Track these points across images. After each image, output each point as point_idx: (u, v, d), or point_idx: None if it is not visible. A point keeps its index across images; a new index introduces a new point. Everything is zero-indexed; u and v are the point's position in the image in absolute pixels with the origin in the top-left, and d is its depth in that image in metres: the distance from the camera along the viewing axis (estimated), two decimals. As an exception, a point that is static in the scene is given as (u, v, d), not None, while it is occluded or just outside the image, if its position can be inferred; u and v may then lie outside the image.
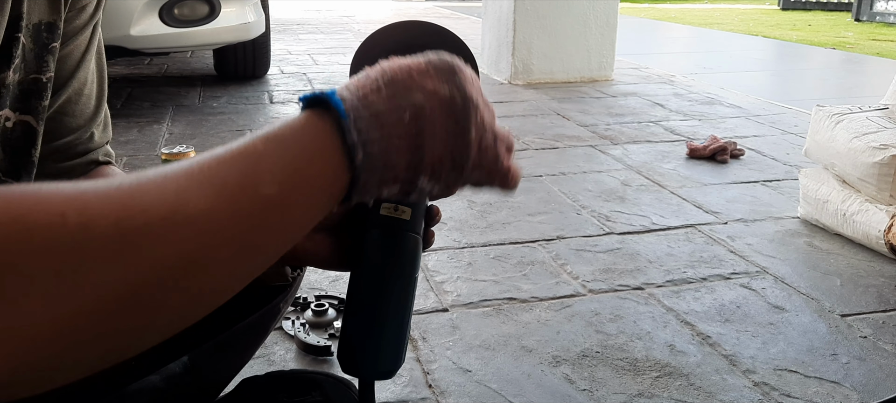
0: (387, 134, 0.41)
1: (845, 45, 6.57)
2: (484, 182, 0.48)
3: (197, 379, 0.67)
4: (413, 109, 0.42)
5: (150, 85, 3.87)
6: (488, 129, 0.46)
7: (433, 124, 0.43)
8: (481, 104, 0.46)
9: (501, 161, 0.48)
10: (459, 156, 0.44)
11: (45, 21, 0.58)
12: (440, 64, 0.45)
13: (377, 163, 0.41)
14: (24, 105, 0.58)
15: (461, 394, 1.17)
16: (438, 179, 0.45)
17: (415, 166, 0.43)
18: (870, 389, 1.20)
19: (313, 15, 8.19)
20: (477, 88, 0.46)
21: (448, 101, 0.43)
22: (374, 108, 0.41)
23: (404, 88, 0.43)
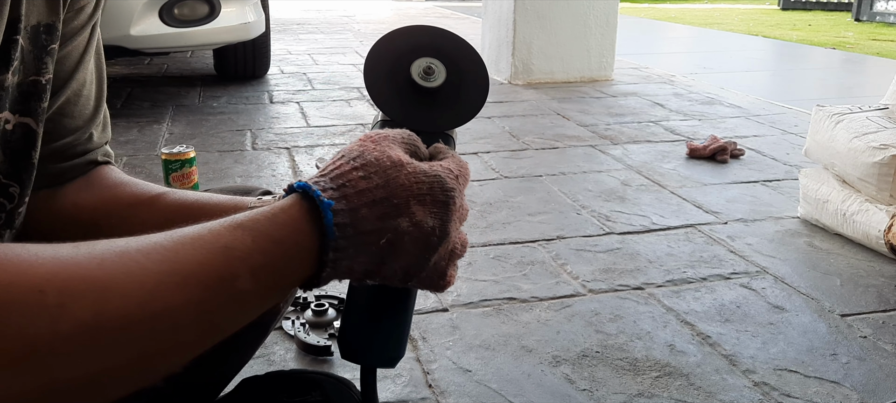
0: (358, 251, 0.43)
1: (845, 44, 6.57)
2: (422, 288, 0.51)
3: (197, 379, 0.67)
4: (393, 235, 0.44)
5: (150, 85, 3.87)
6: (445, 256, 0.49)
7: (403, 251, 0.45)
8: (454, 234, 0.49)
9: (444, 278, 0.50)
10: (412, 272, 0.47)
11: (43, 22, 0.58)
12: (442, 192, 0.46)
13: (340, 269, 0.43)
14: (24, 107, 0.58)
15: (461, 394, 1.17)
16: (386, 279, 0.47)
17: (369, 274, 0.46)
18: (870, 389, 1.20)
19: (313, 15, 8.19)
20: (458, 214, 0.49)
21: (427, 235, 0.46)
22: (361, 228, 0.43)
23: (395, 210, 0.44)
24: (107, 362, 0.33)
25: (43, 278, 0.31)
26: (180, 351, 0.38)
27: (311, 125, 3.02)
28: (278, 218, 0.41)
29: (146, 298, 0.34)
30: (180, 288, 0.36)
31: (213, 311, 0.38)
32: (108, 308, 0.33)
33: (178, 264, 0.36)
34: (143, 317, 0.34)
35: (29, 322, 0.30)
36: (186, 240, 0.37)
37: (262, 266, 0.39)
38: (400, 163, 0.45)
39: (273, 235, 0.40)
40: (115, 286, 0.33)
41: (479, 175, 2.34)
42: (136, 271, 0.35)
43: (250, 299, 0.40)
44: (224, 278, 0.38)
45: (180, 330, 0.36)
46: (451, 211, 0.47)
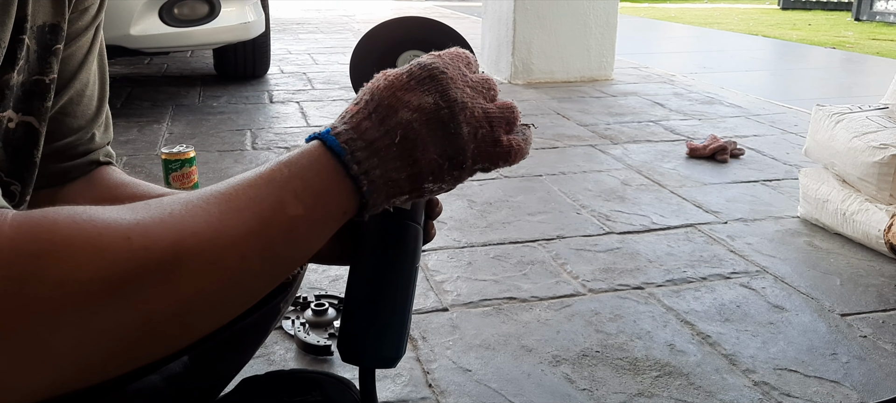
0: (383, 158, 0.46)
1: (845, 44, 6.57)
2: (489, 167, 0.50)
3: (197, 379, 0.67)
4: (402, 129, 0.46)
5: (150, 84, 3.87)
6: (481, 120, 0.49)
7: (423, 138, 0.47)
8: (469, 100, 0.48)
9: (500, 144, 0.50)
10: (456, 156, 0.48)
11: (48, 23, 0.58)
12: (420, 74, 0.48)
13: (381, 184, 0.46)
14: (27, 106, 0.59)
15: (461, 394, 1.18)
16: (442, 179, 0.48)
17: (415, 177, 0.47)
18: (870, 388, 1.20)
19: (313, 14, 8.19)
20: (462, 83, 0.49)
21: (433, 112, 0.47)
22: (367, 137, 0.46)
23: (391, 109, 0.47)
24: (189, 292, 0.38)
25: (128, 227, 0.36)
26: (251, 283, 0.42)
27: (311, 125, 3.02)
28: (303, 155, 0.45)
29: (213, 234, 0.39)
30: (240, 221, 0.40)
31: (273, 239, 0.42)
32: (184, 246, 0.38)
33: (234, 202, 0.41)
34: (214, 249, 0.39)
35: (119, 260, 0.35)
36: (237, 184, 0.42)
37: (303, 189, 0.43)
38: (382, 76, 0.49)
39: (303, 163, 0.45)
40: (186, 227, 0.38)
41: (478, 175, 2.34)
42: (201, 213, 0.40)
43: (302, 225, 0.43)
44: (274, 206, 0.42)
45: (247, 260, 0.41)
46: (444, 81, 0.48)
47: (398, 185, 0.47)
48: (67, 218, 0.35)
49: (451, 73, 0.48)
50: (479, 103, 0.49)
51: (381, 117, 0.46)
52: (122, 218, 0.37)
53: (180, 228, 0.38)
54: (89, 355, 0.35)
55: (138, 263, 0.36)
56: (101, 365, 0.36)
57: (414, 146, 0.46)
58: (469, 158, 0.48)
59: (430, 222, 0.60)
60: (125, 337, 0.36)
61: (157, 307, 0.36)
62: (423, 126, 0.47)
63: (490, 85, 0.51)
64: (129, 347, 0.37)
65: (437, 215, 0.60)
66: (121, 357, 0.37)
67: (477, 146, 0.48)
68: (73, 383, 0.35)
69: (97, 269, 0.34)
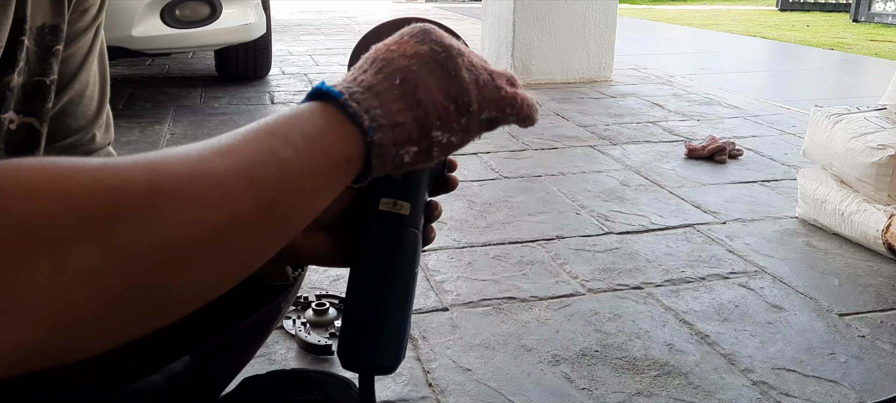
0: (384, 100, 0.44)
1: (843, 45, 6.58)
2: (498, 117, 0.49)
3: (198, 379, 0.67)
4: (401, 73, 0.46)
5: (151, 85, 3.87)
6: (480, 69, 0.49)
7: (423, 79, 0.46)
8: (465, 51, 0.49)
9: (505, 91, 0.49)
10: (459, 97, 0.47)
11: (48, 24, 0.59)
12: (412, 31, 0.49)
13: (385, 124, 0.44)
14: (28, 107, 0.59)
15: (461, 393, 1.18)
16: (450, 127, 0.47)
17: (421, 120, 0.45)
18: (868, 388, 1.21)
19: (314, 16, 8.19)
20: (457, 42, 0.49)
21: (429, 56, 0.47)
22: (364, 84, 0.45)
23: (386, 61, 0.46)
24: (171, 237, 0.34)
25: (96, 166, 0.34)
26: (245, 232, 0.38)
27: (311, 126, 3.03)
28: (293, 108, 0.43)
29: (192, 173, 0.36)
30: (222, 163, 0.37)
31: (263, 182, 0.38)
32: (160, 182, 0.34)
33: (215, 146, 0.38)
34: (195, 189, 0.36)
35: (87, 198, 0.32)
36: (219, 137, 0.39)
37: (291, 133, 0.41)
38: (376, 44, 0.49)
39: (293, 111, 0.42)
40: (162, 166, 0.35)
41: (478, 175, 2.34)
42: (180, 156, 0.36)
43: (297, 168, 0.40)
44: (261, 149, 0.39)
45: (236, 202, 0.37)
46: (437, 33, 0.48)
47: (405, 129, 0.45)
48: (30, 162, 0.32)
49: (444, 33, 0.49)
50: (475, 57, 0.50)
51: (377, 68, 0.46)
52: (92, 160, 0.34)
53: (154, 166, 0.35)
54: (66, 309, 0.31)
55: (108, 200, 0.32)
56: (81, 327, 0.32)
57: (415, 86, 0.45)
58: (474, 101, 0.47)
59: (430, 225, 0.60)
60: (101, 288, 0.32)
61: (135, 250, 0.33)
62: (423, 68, 0.46)
63: (485, 59, 0.51)
64: (108, 302, 0.33)
65: (437, 218, 0.60)
66: (104, 318, 0.33)
67: (480, 91, 0.48)
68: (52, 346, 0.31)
69: (64, 207, 0.31)
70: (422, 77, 0.46)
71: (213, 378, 0.71)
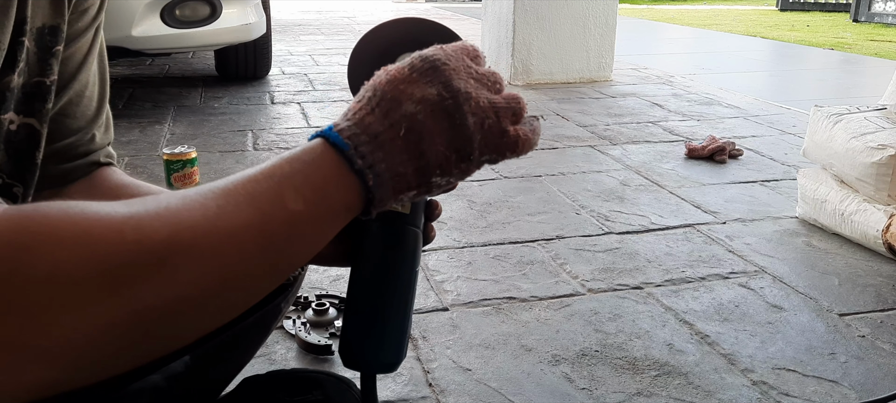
0: (389, 151, 0.45)
1: (843, 45, 6.58)
2: (497, 158, 0.49)
3: (198, 379, 0.67)
4: (407, 122, 0.45)
5: (151, 85, 3.87)
6: (487, 110, 0.48)
7: (429, 130, 0.46)
8: (473, 90, 0.48)
9: (507, 135, 0.49)
10: (462, 147, 0.47)
11: (48, 24, 0.59)
12: (422, 66, 0.47)
13: (386, 179, 0.45)
14: (28, 108, 0.59)
15: (461, 393, 1.18)
16: (449, 172, 0.47)
17: (422, 170, 0.46)
18: (868, 388, 1.21)
19: (314, 16, 8.19)
20: (465, 75, 0.48)
21: (437, 103, 0.46)
22: (371, 131, 0.45)
23: (394, 103, 0.46)
24: (185, 288, 0.37)
25: (121, 220, 0.35)
26: (250, 280, 0.41)
27: (311, 126, 3.03)
28: (305, 151, 0.45)
29: (210, 227, 0.38)
30: (238, 215, 0.39)
31: (273, 234, 0.41)
32: (179, 239, 0.37)
33: (232, 196, 0.40)
34: (210, 243, 0.38)
35: (111, 254, 0.34)
36: (236, 179, 0.42)
37: (303, 184, 0.42)
38: (383, 72, 0.48)
39: (304, 159, 0.44)
40: (182, 220, 0.37)
41: (478, 175, 2.34)
42: (198, 207, 0.39)
43: (304, 220, 0.42)
44: (274, 201, 0.41)
45: (246, 254, 0.39)
46: (447, 72, 0.47)
47: (405, 179, 0.46)
48: (58, 211, 0.34)
49: (454, 65, 0.48)
50: (483, 94, 0.48)
51: (384, 111, 0.46)
52: (116, 211, 0.36)
53: (175, 221, 0.37)
54: (81, 353, 0.34)
55: (131, 256, 0.35)
56: (93, 364, 0.35)
57: (420, 138, 0.45)
58: (476, 149, 0.47)
59: (430, 224, 0.60)
60: (118, 334, 0.34)
61: (151, 302, 0.35)
62: (429, 117, 0.46)
63: (496, 78, 0.50)
64: (123, 345, 0.35)
65: (437, 217, 0.60)
66: (114, 356, 0.35)
67: (483, 137, 0.47)
68: (64, 382, 0.34)
69: (88, 262, 0.33)
70: (427, 128, 0.46)
71: (213, 377, 0.71)
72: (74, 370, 0.34)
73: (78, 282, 0.33)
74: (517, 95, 0.50)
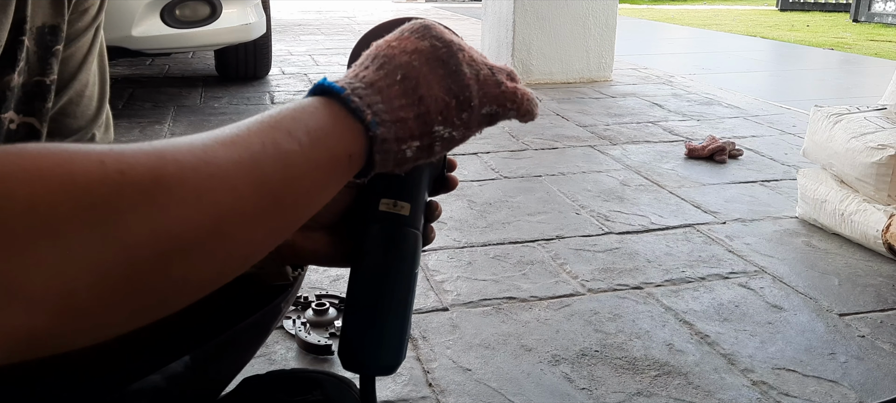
0: (386, 96, 0.44)
1: (843, 45, 6.58)
2: (498, 112, 0.49)
3: (198, 379, 0.67)
4: (403, 70, 0.46)
5: (151, 85, 3.87)
6: (481, 64, 0.49)
7: (425, 75, 0.46)
8: (466, 46, 0.49)
9: (505, 85, 0.49)
10: (460, 93, 0.47)
11: (48, 24, 0.59)
12: (413, 27, 0.49)
13: (387, 120, 0.44)
14: (28, 107, 0.59)
15: (461, 393, 1.18)
16: (451, 122, 0.47)
17: (423, 116, 0.46)
18: (868, 388, 1.21)
19: (314, 16, 8.20)
20: (457, 38, 0.49)
21: (430, 51, 0.47)
22: (366, 80, 0.45)
23: (387, 58, 0.46)
24: (175, 225, 0.34)
25: (102, 153, 0.34)
26: (247, 225, 0.38)
27: (311, 126, 3.03)
28: (297, 102, 0.43)
29: (197, 161, 0.36)
30: (227, 153, 0.37)
31: (266, 173, 0.38)
32: (164, 171, 0.35)
33: (220, 136, 0.38)
34: (199, 178, 0.36)
35: (93, 184, 0.32)
36: (223, 128, 0.39)
37: (296, 127, 0.41)
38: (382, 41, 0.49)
39: (296, 106, 0.42)
40: (167, 154, 0.35)
41: (478, 175, 2.34)
42: (184, 144, 0.37)
43: (300, 163, 0.40)
44: (265, 142, 0.39)
45: (239, 195, 0.37)
46: (438, 29, 0.48)
47: (407, 126, 0.45)
48: (37, 146, 0.33)
49: (445, 29, 0.50)
50: (475, 52, 0.50)
51: (379, 65, 0.46)
52: (97, 146, 0.34)
53: (160, 154, 0.35)
54: (68, 295, 0.31)
55: (113, 187, 0.32)
56: (83, 313, 0.32)
57: (417, 83, 0.46)
58: (475, 96, 0.47)
59: (430, 225, 0.60)
60: (107, 275, 0.32)
61: (138, 238, 0.33)
62: (424, 64, 0.46)
63: (485, 56, 0.52)
64: (114, 289, 0.33)
65: (437, 217, 0.60)
66: (105, 305, 0.33)
67: (480, 86, 0.48)
68: (52, 332, 0.31)
69: (69, 194, 0.31)
70: (423, 73, 0.46)
71: (213, 378, 0.71)
72: (64, 317, 0.31)
73: (59, 216, 0.31)
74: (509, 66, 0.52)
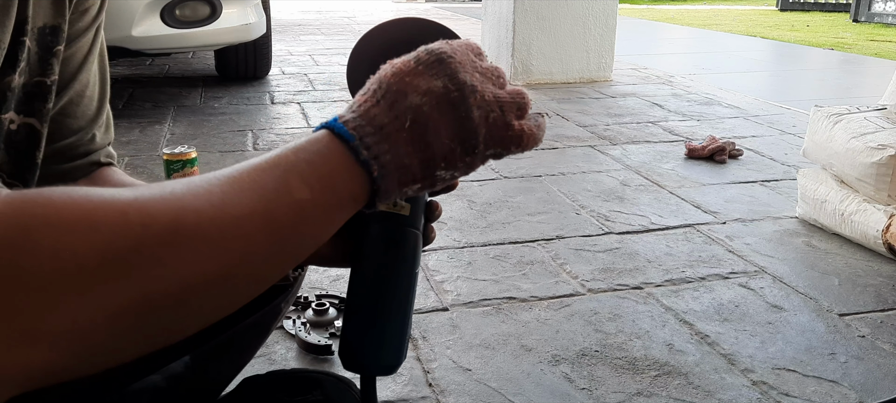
0: (394, 143, 0.45)
1: (843, 45, 6.58)
2: (501, 151, 0.49)
3: (198, 379, 0.67)
4: (412, 113, 0.45)
5: (151, 85, 3.87)
6: (492, 104, 0.48)
7: (434, 121, 0.46)
8: (479, 84, 0.48)
9: (513, 128, 0.49)
10: (467, 140, 0.47)
11: (49, 24, 0.59)
12: (428, 59, 0.48)
13: (392, 170, 0.45)
14: (29, 107, 0.59)
15: (461, 393, 1.18)
16: (454, 166, 0.47)
17: (427, 163, 0.46)
18: (868, 388, 1.21)
19: (314, 16, 8.20)
20: (470, 69, 0.48)
21: (443, 95, 0.46)
22: (376, 123, 0.45)
23: (400, 95, 0.46)
24: (190, 273, 0.36)
25: (125, 203, 0.35)
26: (256, 267, 0.40)
27: (312, 126, 3.03)
28: (310, 142, 0.44)
29: (215, 212, 0.38)
30: (243, 202, 0.39)
31: (278, 221, 0.40)
32: (184, 223, 0.36)
33: (238, 183, 0.40)
34: (216, 228, 0.37)
35: (116, 237, 0.34)
36: (241, 167, 0.41)
37: (309, 173, 0.42)
38: (388, 65, 0.48)
39: (310, 149, 0.44)
40: (187, 204, 0.37)
41: (478, 175, 2.34)
42: (203, 193, 0.38)
43: (309, 208, 0.42)
44: (279, 189, 0.41)
45: (252, 241, 0.39)
46: (452, 65, 0.47)
47: (410, 171, 0.46)
48: (62, 194, 0.34)
49: (459, 58, 0.48)
50: (488, 88, 0.49)
51: (389, 103, 0.46)
52: (120, 195, 0.36)
53: (180, 205, 0.37)
54: (86, 337, 0.33)
55: (135, 239, 0.34)
56: (98, 350, 0.34)
57: (425, 130, 0.45)
58: (481, 142, 0.47)
59: (430, 226, 0.60)
60: (122, 318, 0.34)
61: (155, 286, 0.35)
62: (434, 109, 0.46)
63: (499, 73, 0.50)
64: (128, 331, 0.35)
65: (437, 218, 0.60)
66: (119, 342, 0.35)
67: (488, 130, 0.47)
68: (69, 368, 0.33)
69: (92, 244, 0.33)
70: (433, 119, 0.46)
71: (213, 378, 0.71)
72: (79, 355, 0.33)
73: (82, 265, 0.32)
74: (522, 90, 0.50)
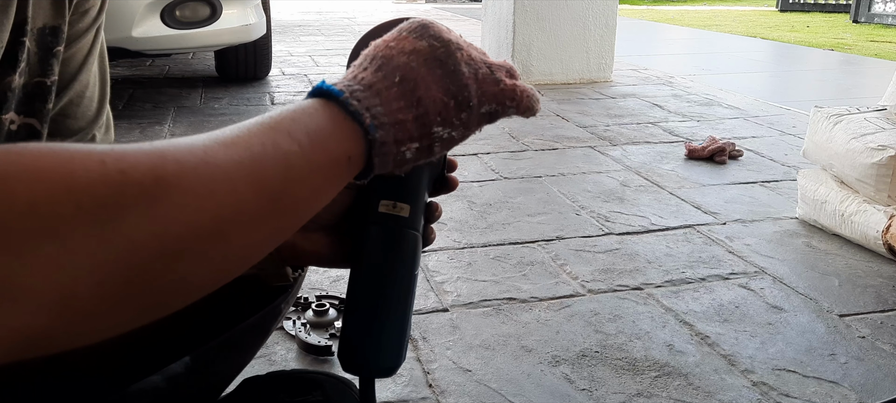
0: (384, 99, 0.45)
1: (843, 46, 6.58)
2: (498, 110, 0.50)
3: (198, 380, 0.67)
4: (401, 71, 0.46)
5: (151, 86, 3.87)
6: (479, 62, 0.49)
7: (423, 76, 0.46)
8: (464, 45, 0.49)
9: (504, 84, 0.49)
10: (459, 93, 0.47)
11: (49, 25, 0.59)
12: (411, 26, 0.49)
13: (386, 122, 0.44)
14: (29, 108, 0.59)
15: (461, 394, 1.18)
16: (450, 123, 0.47)
17: (422, 118, 0.46)
18: (868, 389, 1.21)
19: (314, 17, 8.20)
20: (455, 36, 0.49)
21: (428, 52, 0.47)
22: (365, 82, 0.45)
23: (386, 58, 0.47)
24: (176, 225, 0.34)
25: (103, 152, 0.34)
26: (248, 226, 0.38)
27: (311, 126, 3.03)
28: (296, 104, 0.43)
29: (198, 162, 0.36)
30: (227, 154, 0.37)
31: (266, 175, 0.39)
32: (165, 171, 0.35)
33: (220, 137, 0.38)
34: (199, 178, 0.36)
35: (93, 184, 0.32)
36: (224, 129, 0.40)
37: (296, 129, 0.41)
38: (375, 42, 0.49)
39: (296, 108, 0.43)
40: (167, 154, 0.36)
41: (479, 176, 2.34)
42: (184, 144, 0.37)
43: (300, 165, 0.40)
44: (265, 143, 0.39)
45: (239, 195, 0.37)
46: (436, 28, 0.48)
47: (405, 128, 0.45)
48: (38, 145, 0.33)
49: (443, 26, 0.50)
50: (474, 50, 0.50)
51: (377, 66, 0.46)
52: (98, 146, 0.34)
53: (161, 154, 0.35)
54: (70, 295, 0.31)
55: (114, 186, 0.33)
56: (85, 311, 0.32)
57: (415, 85, 0.46)
58: (474, 96, 0.48)
59: (430, 227, 0.60)
60: (104, 276, 0.32)
61: (139, 239, 0.33)
62: (422, 65, 0.46)
63: (484, 52, 0.51)
64: (116, 290, 0.33)
65: (437, 219, 0.60)
66: (108, 303, 0.33)
67: (479, 85, 0.48)
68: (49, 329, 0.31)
69: (70, 194, 0.31)
70: (421, 75, 0.46)
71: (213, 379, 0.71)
72: (63, 316, 0.31)
73: (60, 216, 0.31)
74: (508, 62, 0.52)
